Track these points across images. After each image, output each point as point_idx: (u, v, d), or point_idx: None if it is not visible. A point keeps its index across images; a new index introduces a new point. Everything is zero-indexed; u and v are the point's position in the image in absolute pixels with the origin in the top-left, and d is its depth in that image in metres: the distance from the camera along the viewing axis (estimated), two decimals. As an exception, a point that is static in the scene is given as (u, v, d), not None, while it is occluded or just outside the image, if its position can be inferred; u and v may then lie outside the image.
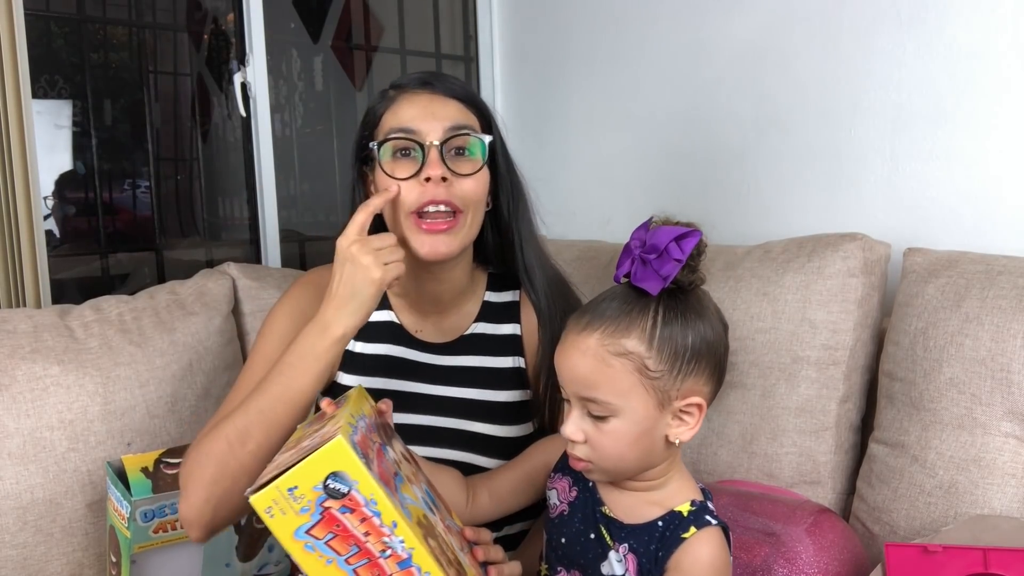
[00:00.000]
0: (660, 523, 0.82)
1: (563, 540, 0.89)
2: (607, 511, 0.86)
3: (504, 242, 1.13)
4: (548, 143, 2.08)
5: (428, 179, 0.99)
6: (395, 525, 0.64)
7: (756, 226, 1.63)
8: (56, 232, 1.97)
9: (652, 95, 1.85)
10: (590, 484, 0.89)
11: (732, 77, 1.69)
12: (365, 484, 0.63)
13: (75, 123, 1.95)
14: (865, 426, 1.35)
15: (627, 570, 0.83)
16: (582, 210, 2.00)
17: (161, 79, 2.16)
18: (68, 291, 1.83)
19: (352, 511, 0.63)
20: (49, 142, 1.91)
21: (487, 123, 1.08)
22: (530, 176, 1.16)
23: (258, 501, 0.63)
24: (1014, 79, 1.31)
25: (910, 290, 1.25)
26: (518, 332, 1.14)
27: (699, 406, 0.81)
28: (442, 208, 1.00)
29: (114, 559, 1.22)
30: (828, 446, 1.31)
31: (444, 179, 0.99)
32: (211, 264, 1.69)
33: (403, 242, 1.02)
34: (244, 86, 1.88)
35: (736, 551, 1.07)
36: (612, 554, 0.84)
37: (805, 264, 1.34)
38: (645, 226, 0.82)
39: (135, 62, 2.07)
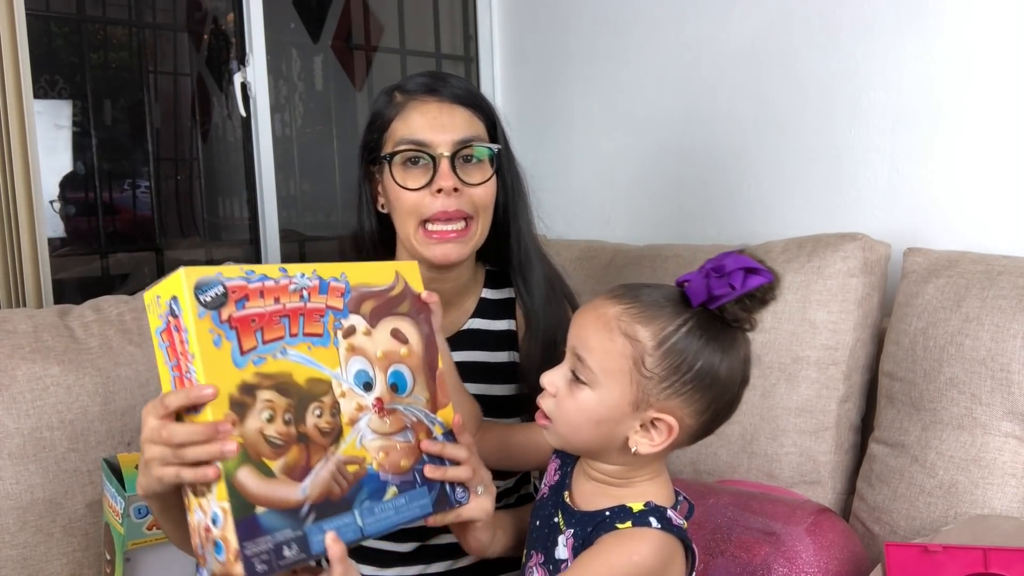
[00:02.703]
0: (607, 512, 0.81)
1: (537, 523, 0.89)
2: (566, 497, 0.86)
3: (500, 234, 1.14)
4: (548, 143, 2.08)
5: (440, 190, 1.01)
6: (193, 357, 0.74)
7: (756, 226, 1.63)
8: (63, 233, 1.97)
9: (652, 95, 1.85)
10: (568, 469, 0.89)
11: (732, 77, 1.69)
12: (186, 315, 0.74)
13: (75, 123, 1.95)
14: (865, 426, 1.35)
15: (567, 557, 0.82)
16: (582, 210, 2.00)
17: (161, 79, 2.17)
18: (68, 291, 1.83)
19: (178, 331, 0.75)
20: (49, 142, 1.92)
21: (492, 124, 1.09)
22: (530, 176, 1.16)
23: (145, 297, 0.78)
24: (1014, 79, 1.31)
25: (910, 290, 1.25)
26: (513, 328, 1.16)
27: (670, 427, 0.78)
28: (452, 220, 1.03)
29: (108, 557, 1.22)
30: (828, 446, 1.31)
31: (456, 189, 1.02)
32: (211, 264, 1.69)
33: (413, 249, 1.05)
34: (244, 86, 1.88)
35: (736, 550, 1.07)
36: (560, 538, 0.84)
37: (805, 264, 1.34)
38: (736, 252, 0.80)
39: (135, 62, 2.07)
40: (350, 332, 0.86)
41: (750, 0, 1.64)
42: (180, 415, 0.77)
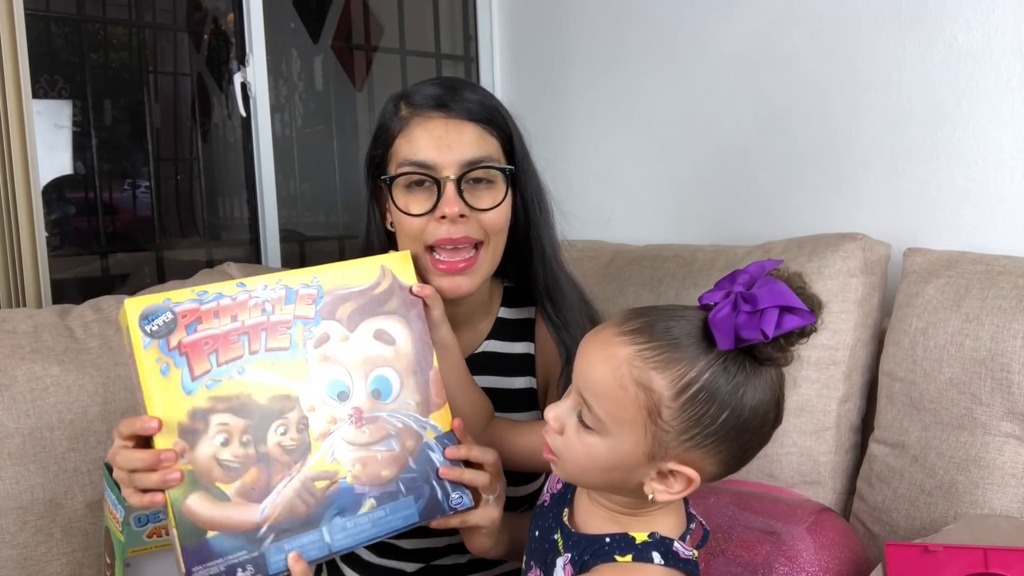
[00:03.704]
0: (608, 539, 0.73)
1: (536, 533, 0.84)
2: (565, 516, 0.80)
3: (523, 255, 1.06)
4: (548, 143, 2.07)
5: (444, 216, 0.93)
6: (140, 388, 0.76)
7: (756, 226, 1.63)
8: (48, 237, 1.96)
9: (652, 95, 1.85)
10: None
11: (732, 77, 1.69)
12: (133, 346, 0.76)
13: (75, 123, 1.94)
14: (865, 426, 1.35)
15: None
16: (582, 210, 1.99)
17: (161, 79, 2.16)
18: (68, 291, 1.83)
19: (132, 361, 0.77)
20: (49, 142, 1.91)
21: (508, 138, 1.01)
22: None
23: (119, 317, 0.80)
24: (1014, 79, 1.31)
25: (910, 290, 1.25)
26: (531, 351, 1.08)
27: (690, 480, 0.69)
28: (460, 247, 0.95)
29: (109, 560, 1.22)
30: (828, 446, 1.31)
31: (462, 215, 0.93)
32: (211, 264, 1.69)
33: (420, 275, 0.96)
34: (244, 86, 1.88)
35: (737, 549, 1.07)
36: (559, 560, 0.77)
37: (805, 264, 1.34)
38: (768, 266, 0.69)
39: (135, 62, 2.07)
40: (323, 341, 0.83)
41: (750, 0, 1.64)
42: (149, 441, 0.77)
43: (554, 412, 0.74)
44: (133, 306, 0.76)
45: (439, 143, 0.94)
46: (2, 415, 1.23)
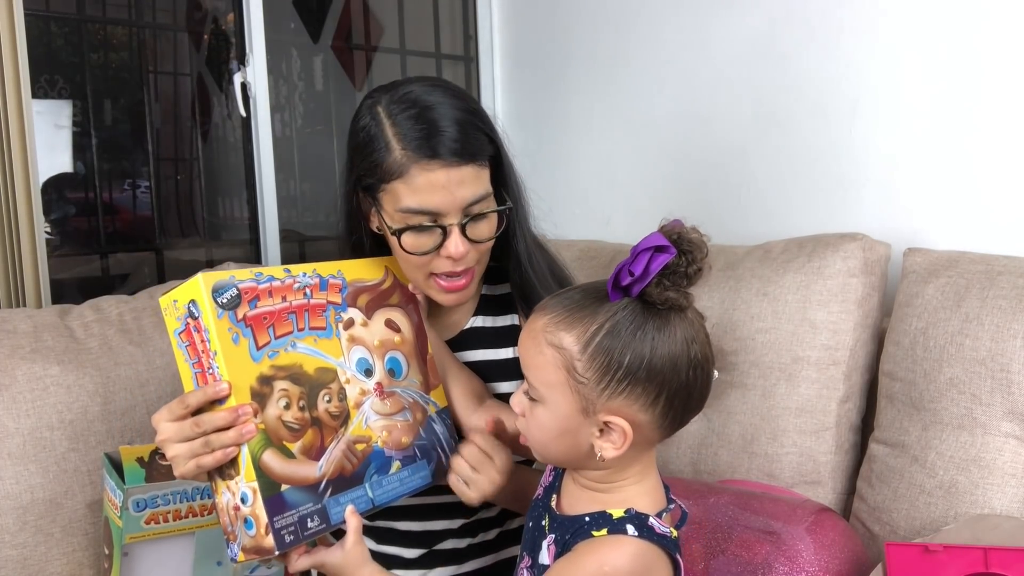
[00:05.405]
0: (587, 518, 0.78)
1: (529, 524, 0.88)
2: (553, 501, 0.85)
3: (502, 246, 1.09)
4: (548, 143, 2.08)
5: (449, 256, 0.98)
6: (216, 354, 0.82)
7: (756, 226, 1.63)
8: (49, 236, 1.96)
9: (652, 95, 1.85)
10: (560, 471, 0.88)
11: (732, 77, 1.69)
12: (205, 316, 0.82)
13: (75, 123, 1.94)
14: (865, 426, 1.35)
15: (548, 563, 0.80)
16: (582, 210, 2.00)
17: (161, 79, 2.16)
18: (68, 291, 1.83)
19: (198, 331, 0.82)
20: (49, 142, 1.91)
21: (495, 155, 1.02)
22: (530, 176, 1.15)
23: (161, 301, 0.85)
24: (1014, 79, 1.31)
25: (910, 290, 1.25)
26: (516, 322, 1.15)
27: (624, 431, 0.75)
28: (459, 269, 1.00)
29: (107, 551, 1.22)
30: (828, 446, 1.31)
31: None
32: (211, 264, 1.70)
33: (419, 288, 1.03)
34: (244, 86, 1.88)
35: (737, 549, 1.07)
36: (544, 543, 0.82)
37: (805, 264, 1.34)
38: (668, 225, 0.77)
39: (135, 62, 2.07)
40: (350, 324, 0.95)
41: (750, 0, 1.64)
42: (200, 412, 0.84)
43: (515, 399, 0.82)
44: (207, 279, 0.82)
45: (443, 192, 0.95)
46: (2, 415, 1.23)
